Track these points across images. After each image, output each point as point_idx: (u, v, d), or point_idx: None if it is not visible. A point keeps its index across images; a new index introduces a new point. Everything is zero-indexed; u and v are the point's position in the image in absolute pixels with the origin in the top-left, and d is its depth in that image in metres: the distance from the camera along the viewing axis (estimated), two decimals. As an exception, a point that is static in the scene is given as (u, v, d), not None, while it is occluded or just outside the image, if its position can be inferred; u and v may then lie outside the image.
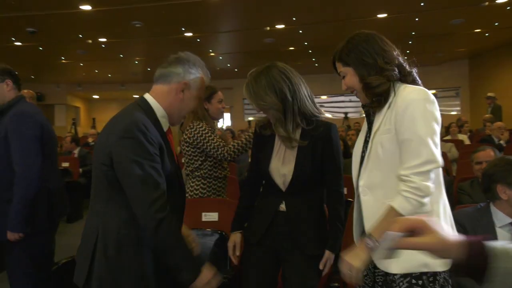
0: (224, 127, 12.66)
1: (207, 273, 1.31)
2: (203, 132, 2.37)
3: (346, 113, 13.19)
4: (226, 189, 2.68)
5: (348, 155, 4.39)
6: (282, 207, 1.63)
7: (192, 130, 2.40)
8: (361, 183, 1.32)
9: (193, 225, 2.40)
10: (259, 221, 1.68)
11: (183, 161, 2.67)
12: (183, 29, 8.25)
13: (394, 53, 1.31)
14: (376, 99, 1.28)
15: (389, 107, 1.25)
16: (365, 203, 1.30)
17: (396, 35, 8.76)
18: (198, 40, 9.07)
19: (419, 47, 9.47)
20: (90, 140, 8.80)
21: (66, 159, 6.17)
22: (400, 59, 1.32)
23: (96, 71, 12.69)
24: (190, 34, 8.57)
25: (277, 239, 1.63)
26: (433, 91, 13.33)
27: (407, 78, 1.30)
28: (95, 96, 17.44)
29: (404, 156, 1.18)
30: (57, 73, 13.20)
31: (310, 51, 10.32)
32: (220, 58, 11.14)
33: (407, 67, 1.32)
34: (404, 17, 7.78)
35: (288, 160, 1.61)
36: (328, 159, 1.60)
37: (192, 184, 2.55)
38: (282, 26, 8.17)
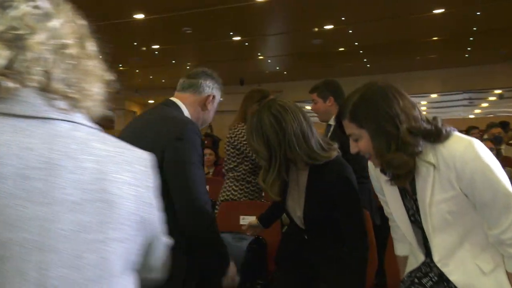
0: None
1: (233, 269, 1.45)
2: (245, 133, 2.37)
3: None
4: (261, 194, 2.63)
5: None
6: (305, 237, 1.64)
7: (235, 130, 2.48)
8: (436, 258, 1.18)
9: (230, 228, 2.38)
10: (287, 248, 1.72)
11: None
12: (231, 33, 8.35)
13: (416, 112, 1.15)
14: (397, 176, 1.16)
15: (433, 169, 1.12)
16: (452, 275, 1.16)
17: (454, 32, 8.22)
18: (246, 43, 9.14)
19: (480, 44, 8.80)
20: (143, 143, 9.22)
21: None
22: (423, 116, 1.17)
23: (151, 77, 13.25)
24: (238, 38, 8.66)
25: (304, 266, 1.62)
26: (498, 91, 12.34)
27: (440, 138, 1.13)
28: (151, 101, 18.24)
29: (493, 218, 1.08)
30: (116, 79, 13.95)
31: (361, 51, 9.98)
32: (269, 61, 11.14)
33: (439, 122, 1.15)
34: (464, 12, 7.24)
35: (299, 202, 1.57)
36: (340, 205, 1.48)
37: (225, 185, 2.55)
38: (330, 26, 7.98)
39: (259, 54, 10.35)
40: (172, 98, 1.60)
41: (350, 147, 1.25)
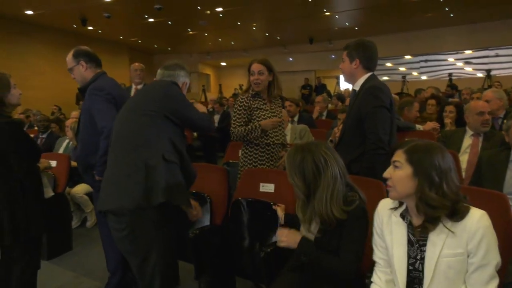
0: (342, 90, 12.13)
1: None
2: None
3: (489, 70, 11.15)
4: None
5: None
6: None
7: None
8: None
9: (251, 195, 2.44)
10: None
11: None
12: (293, -10, 8.01)
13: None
14: (429, 219, 1.26)
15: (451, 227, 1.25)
16: None
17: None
18: (310, 0, 8.70)
19: None
20: (209, 106, 9.50)
21: (182, 124, 6.79)
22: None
23: (220, 39, 13.42)
24: (301, -6, 8.29)
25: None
26: None
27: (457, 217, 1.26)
28: (223, 64, 18.62)
29: (482, 279, 1.23)
30: (188, 44, 14.45)
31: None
32: (337, 17, 10.51)
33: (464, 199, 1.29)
34: None
35: (313, 226, 1.62)
36: (346, 236, 1.52)
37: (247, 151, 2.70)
38: (403, -27, 7.21)
39: (325, 10, 9.80)
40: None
41: (384, 171, 1.35)
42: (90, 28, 10.85)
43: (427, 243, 1.28)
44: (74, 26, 10.55)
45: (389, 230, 1.39)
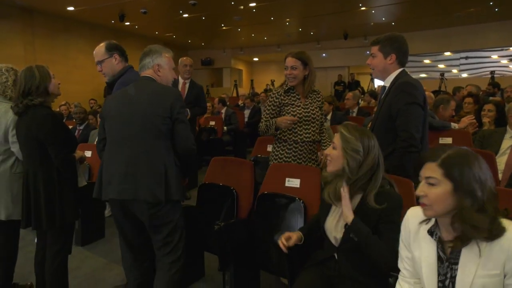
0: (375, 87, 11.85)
1: None
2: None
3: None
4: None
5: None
6: (335, 255, 1.71)
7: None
8: None
9: (277, 189, 2.44)
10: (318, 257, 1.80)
11: None
12: (327, -16, 7.88)
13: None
14: (465, 238, 1.16)
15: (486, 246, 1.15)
16: None
17: None
18: (345, -5, 8.54)
19: None
20: (240, 102, 9.57)
21: (213, 118, 6.88)
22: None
23: (253, 35, 13.44)
24: (335, -11, 8.14)
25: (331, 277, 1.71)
26: None
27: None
28: (255, 59, 18.63)
29: None
30: (221, 39, 14.57)
31: (484, -7, 8.50)
32: (373, 11, 10.25)
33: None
34: None
35: (342, 226, 1.65)
36: (383, 231, 1.57)
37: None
38: (443, -34, 6.92)
39: (360, 5, 9.58)
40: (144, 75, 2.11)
41: (417, 189, 1.25)
42: (127, 23, 11.16)
43: (459, 262, 1.19)
44: (112, 21, 10.90)
45: (417, 244, 1.31)
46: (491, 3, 9.43)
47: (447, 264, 1.22)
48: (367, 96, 7.61)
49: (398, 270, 1.44)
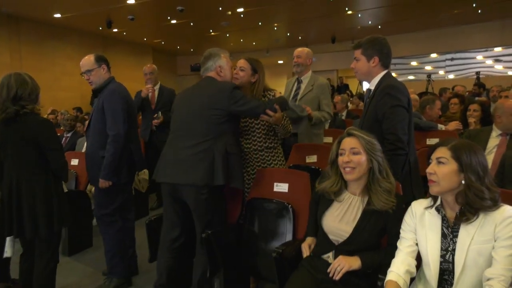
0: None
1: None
2: None
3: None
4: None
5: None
6: (330, 257, 1.74)
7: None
8: None
9: (265, 194, 2.43)
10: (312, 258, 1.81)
11: None
12: (313, -12, 7.94)
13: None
14: (470, 209, 1.35)
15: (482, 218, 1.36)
16: None
17: None
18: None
19: None
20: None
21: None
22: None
23: (242, 40, 13.47)
24: (322, -7, 8.21)
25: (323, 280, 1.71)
26: None
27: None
28: (245, 64, 18.63)
29: (504, 262, 1.30)
30: (210, 44, 14.39)
31: (468, -5, 8.64)
32: (359, 15, 10.36)
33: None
34: None
35: (348, 221, 1.71)
36: (391, 231, 1.67)
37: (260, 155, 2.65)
38: (426, -30, 7.02)
39: (347, 9, 9.67)
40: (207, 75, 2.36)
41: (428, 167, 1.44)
42: (115, 30, 11.11)
43: (459, 234, 1.38)
44: (100, 28, 10.84)
45: (422, 225, 1.49)
46: (474, 5, 9.59)
47: (450, 238, 1.41)
48: (355, 99, 7.68)
49: (385, 272, 1.52)
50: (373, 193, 1.69)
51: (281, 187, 2.44)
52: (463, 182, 1.36)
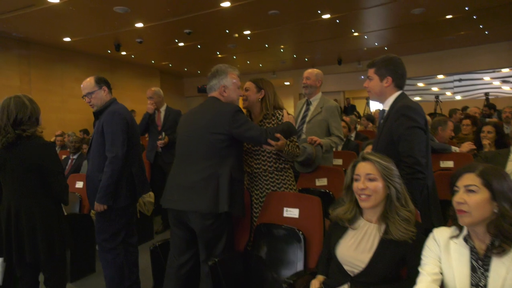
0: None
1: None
2: None
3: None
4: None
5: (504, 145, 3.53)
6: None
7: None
8: None
9: (275, 220, 2.33)
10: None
11: None
12: (319, 11, 7.99)
13: None
14: (506, 240, 1.25)
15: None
16: None
17: None
18: (338, 21, 8.66)
19: None
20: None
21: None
22: None
23: (248, 62, 13.57)
24: (327, 16, 8.25)
25: None
26: None
27: None
28: (251, 85, 18.73)
29: None
30: (217, 66, 14.64)
31: (474, 16, 8.63)
32: (365, 37, 10.40)
33: None
34: None
35: (363, 250, 1.61)
36: (410, 261, 1.56)
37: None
38: (432, -8, 7.05)
39: (353, 30, 9.72)
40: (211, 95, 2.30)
41: (456, 197, 1.35)
42: (124, 53, 11.26)
43: (491, 267, 1.27)
44: (109, 51, 10.98)
45: (447, 255, 1.38)
46: (481, 26, 9.59)
47: (481, 272, 1.29)
48: (364, 120, 7.59)
49: None
50: (390, 222, 1.59)
51: (292, 213, 2.34)
52: (495, 211, 1.26)
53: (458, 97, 13.72)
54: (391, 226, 1.57)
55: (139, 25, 8.59)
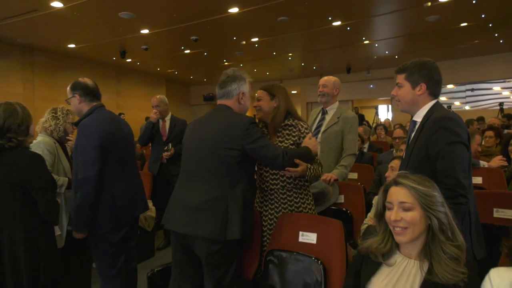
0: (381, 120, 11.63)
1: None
2: None
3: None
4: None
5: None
6: None
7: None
8: None
9: (288, 246, 2.05)
10: None
11: None
12: (329, 18, 7.76)
13: None
14: None
15: None
16: None
17: None
18: (348, 28, 8.42)
19: None
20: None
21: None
22: None
23: (255, 70, 13.38)
24: (338, 23, 8.02)
25: None
26: None
27: None
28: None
29: None
30: (223, 75, 14.46)
31: (490, 25, 8.35)
32: (376, 45, 10.15)
33: None
34: None
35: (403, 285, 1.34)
36: None
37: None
38: (447, -2, 6.79)
39: (364, 38, 9.47)
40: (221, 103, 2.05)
41: None
42: (129, 60, 11.10)
43: None
44: (114, 58, 10.83)
45: None
46: (496, 35, 9.30)
47: None
48: (380, 129, 7.25)
49: None
50: (435, 260, 1.29)
51: (308, 238, 2.05)
52: None
53: (467, 107, 13.41)
54: (436, 265, 1.28)
55: (145, 31, 8.42)
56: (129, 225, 2.34)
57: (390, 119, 11.55)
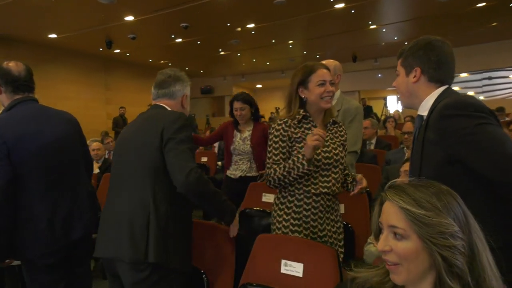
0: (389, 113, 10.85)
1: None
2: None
3: None
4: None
5: None
6: None
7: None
8: None
9: (267, 278, 1.49)
10: None
11: None
12: (331, 0, 6.98)
13: None
14: None
15: None
16: None
17: None
18: (353, 11, 7.65)
19: None
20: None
21: (205, 153, 5.91)
22: None
23: (254, 60, 12.70)
24: (341, 5, 7.25)
25: None
26: None
27: None
28: (258, 86, 17.86)
29: None
30: (221, 65, 13.83)
31: (511, 4, 7.55)
32: (384, 30, 9.36)
33: None
34: None
35: None
36: None
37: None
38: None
39: (370, 23, 8.69)
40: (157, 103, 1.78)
41: None
42: (117, 51, 10.43)
43: None
44: (101, 49, 10.16)
45: None
46: (517, 16, 8.47)
47: None
48: (390, 122, 6.50)
49: None
50: None
51: (293, 269, 1.58)
52: None
53: (481, 97, 12.62)
54: None
55: (130, 18, 7.76)
56: (64, 250, 1.82)
57: (400, 110, 10.78)
